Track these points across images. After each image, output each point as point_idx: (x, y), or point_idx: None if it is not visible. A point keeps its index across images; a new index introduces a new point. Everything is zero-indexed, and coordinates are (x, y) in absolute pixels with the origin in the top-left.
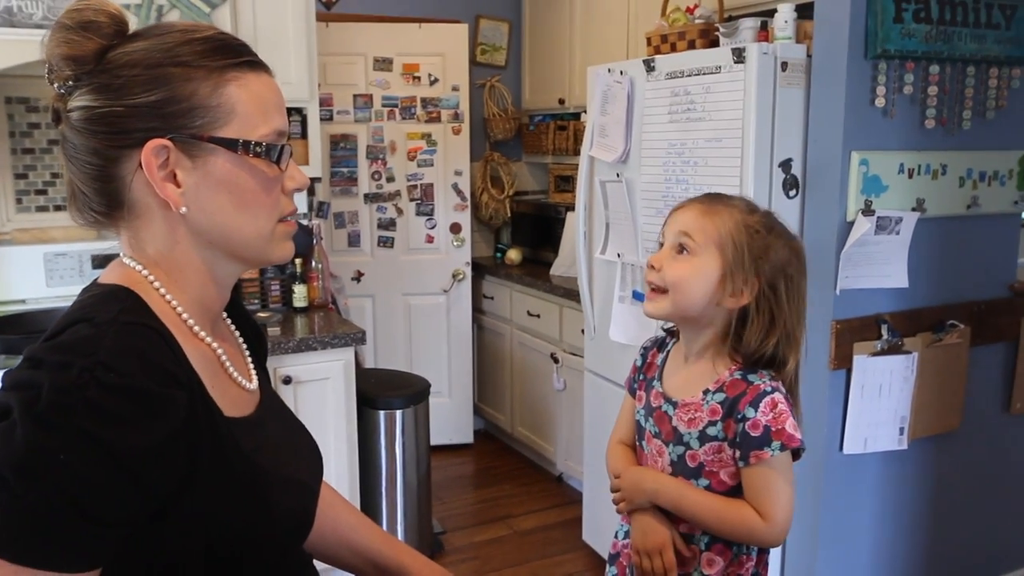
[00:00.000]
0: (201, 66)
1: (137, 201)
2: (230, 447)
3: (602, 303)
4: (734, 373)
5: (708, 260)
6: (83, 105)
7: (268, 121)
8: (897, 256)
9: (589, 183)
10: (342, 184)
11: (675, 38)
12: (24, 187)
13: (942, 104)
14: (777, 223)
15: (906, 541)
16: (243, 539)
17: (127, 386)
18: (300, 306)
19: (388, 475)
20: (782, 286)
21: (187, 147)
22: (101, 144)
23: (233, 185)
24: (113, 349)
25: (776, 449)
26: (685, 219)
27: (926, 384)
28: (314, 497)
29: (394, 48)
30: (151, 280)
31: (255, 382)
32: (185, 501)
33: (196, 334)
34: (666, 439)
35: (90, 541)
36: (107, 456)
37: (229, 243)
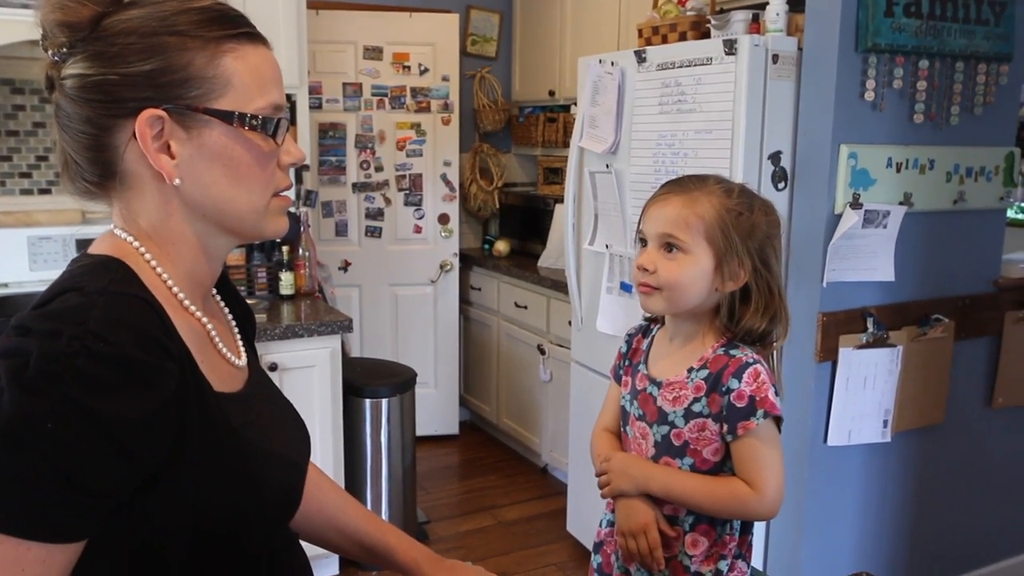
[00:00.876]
0: (197, 36)
1: (130, 172)
2: (219, 421)
3: (590, 294)
4: (717, 349)
5: (700, 255)
6: (77, 73)
7: (265, 94)
8: (884, 250)
9: (578, 174)
10: (330, 173)
11: (666, 30)
12: (8, 170)
13: (931, 99)
14: (754, 196)
15: (889, 532)
16: (231, 515)
17: (117, 356)
18: (287, 294)
19: (373, 464)
20: (772, 257)
21: (182, 118)
22: (95, 113)
23: (228, 158)
24: (103, 318)
25: (761, 417)
26: (666, 215)
27: (910, 377)
28: (302, 474)
29: (384, 37)
30: (142, 252)
31: (244, 359)
32: (173, 474)
33: (186, 308)
34: (650, 420)
35: (76, 512)
36: (95, 426)
37: (223, 216)
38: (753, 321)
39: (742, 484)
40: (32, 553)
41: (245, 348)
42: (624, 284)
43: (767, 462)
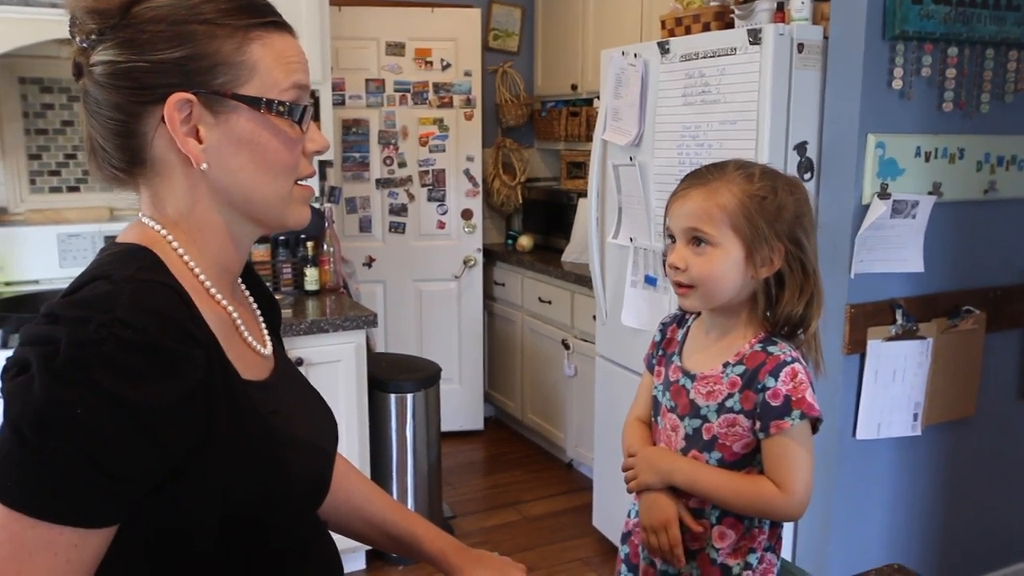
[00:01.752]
0: (225, 24)
1: (158, 158)
2: (246, 408)
3: (614, 288)
4: (754, 345)
5: (728, 246)
6: (107, 60)
7: (291, 81)
8: (913, 240)
9: (602, 167)
10: (354, 169)
11: (690, 21)
12: (38, 168)
13: (960, 87)
14: (777, 176)
15: (919, 527)
16: (259, 502)
17: (145, 342)
18: (312, 289)
19: (399, 458)
20: (803, 236)
21: (210, 103)
22: (124, 99)
23: (255, 143)
24: (131, 305)
25: (796, 418)
26: (689, 210)
27: (940, 370)
28: (329, 462)
29: (406, 33)
30: (169, 240)
31: (269, 348)
32: (201, 461)
33: (212, 296)
34: (682, 413)
35: (106, 497)
36: (123, 412)
37: (249, 203)
38: (791, 306)
39: (769, 484)
40: (64, 537)
41: (271, 337)
42: (649, 277)
43: (797, 463)
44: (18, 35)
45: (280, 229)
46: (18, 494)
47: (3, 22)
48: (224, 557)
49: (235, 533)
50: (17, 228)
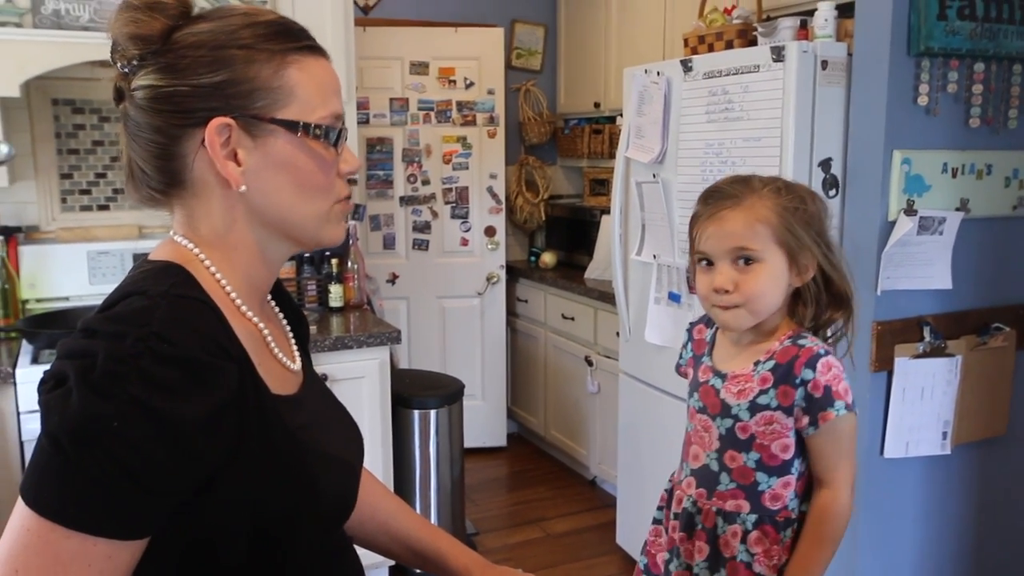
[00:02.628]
0: (263, 49)
1: (197, 179)
2: (276, 422)
3: (637, 305)
4: (784, 341)
5: (773, 259)
6: (148, 84)
7: (327, 104)
8: (940, 257)
9: (625, 184)
10: (378, 187)
11: (712, 39)
12: (69, 187)
13: (987, 102)
14: (796, 186)
15: (949, 548)
16: (287, 515)
17: (180, 356)
18: (336, 306)
19: (422, 475)
20: (829, 238)
21: (249, 127)
22: (165, 123)
23: (292, 166)
24: (166, 320)
25: (841, 409)
26: (731, 230)
27: (970, 388)
28: (356, 477)
29: (430, 52)
30: (201, 258)
31: (298, 363)
32: (232, 474)
33: (243, 313)
34: (712, 412)
35: (140, 509)
36: (159, 425)
37: (285, 223)
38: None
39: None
40: (98, 548)
41: (300, 353)
42: (672, 294)
43: (843, 457)
44: (51, 58)
45: (316, 247)
46: (54, 505)
47: (37, 45)
48: (249, 570)
49: (262, 546)
50: (48, 245)
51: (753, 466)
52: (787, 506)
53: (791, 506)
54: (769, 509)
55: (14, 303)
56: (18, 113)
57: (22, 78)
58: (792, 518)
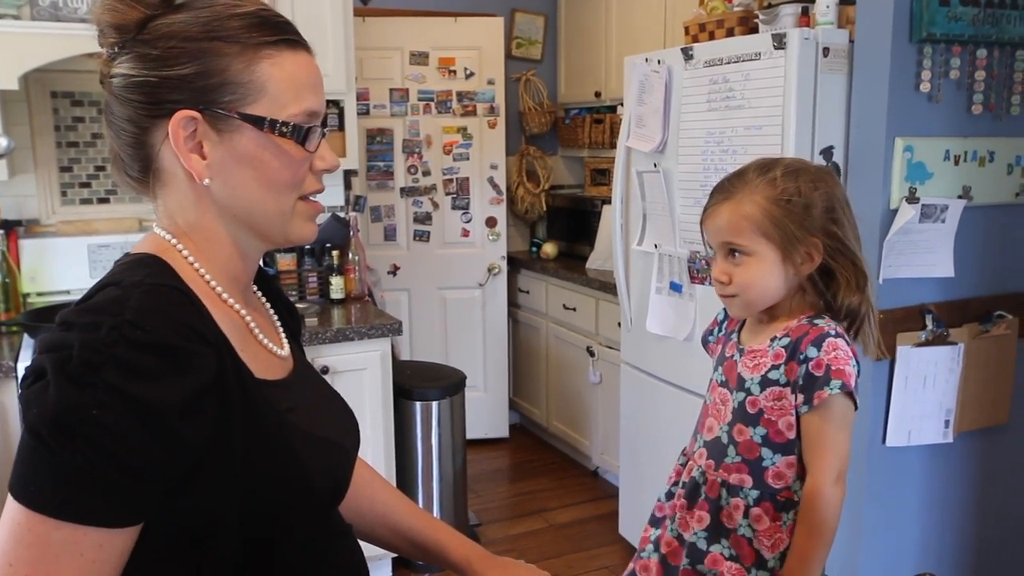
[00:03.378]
0: (237, 41)
1: (165, 170)
2: (262, 405)
3: (639, 295)
4: (801, 320)
5: (763, 252)
6: (123, 72)
7: (299, 101)
8: (943, 245)
9: (626, 174)
10: (378, 178)
11: (713, 26)
12: (69, 180)
13: (990, 89)
14: (800, 172)
15: (951, 535)
16: (277, 498)
17: (154, 342)
18: (337, 298)
19: (424, 466)
20: (835, 228)
21: (215, 120)
22: (135, 112)
23: (257, 161)
24: (139, 308)
25: (836, 388)
26: (719, 225)
27: (973, 376)
28: (349, 460)
29: (430, 42)
30: (179, 249)
31: (286, 349)
32: (218, 457)
33: (224, 300)
34: (731, 386)
35: (128, 495)
36: (137, 410)
37: (251, 218)
38: (848, 295)
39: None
40: (89, 538)
41: (288, 340)
42: (674, 284)
43: (831, 440)
44: (50, 50)
45: (284, 244)
46: (40, 497)
47: (35, 37)
48: (245, 554)
49: (255, 530)
50: (48, 239)
51: (759, 441)
52: (789, 487)
53: (793, 487)
54: (771, 487)
55: (15, 297)
56: (17, 106)
57: (20, 71)
58: (794, 500)
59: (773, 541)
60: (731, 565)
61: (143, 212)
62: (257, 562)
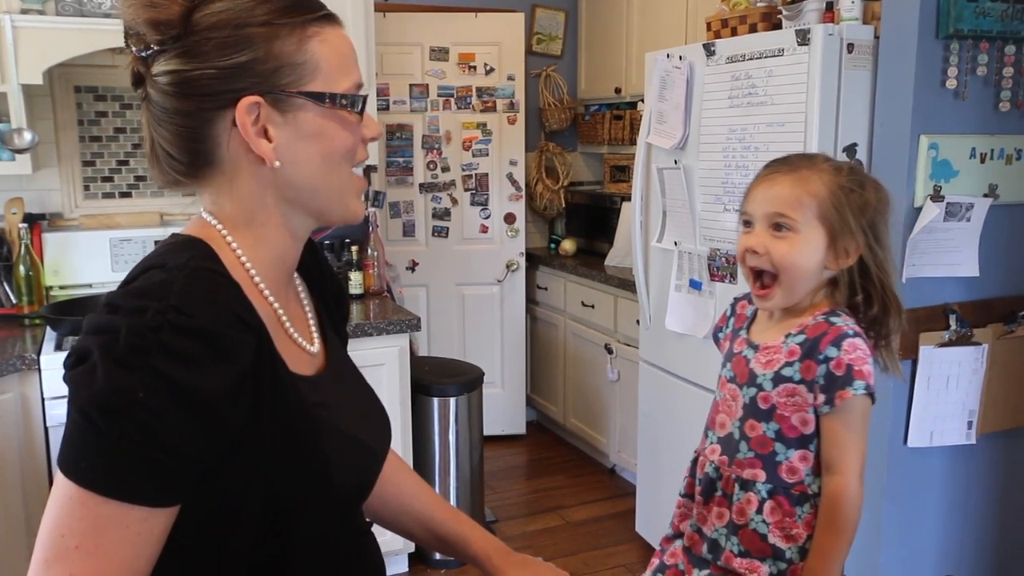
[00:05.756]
0: (283, 24)
1: (229, 159)
2: (292, 397)
3: (658, 292)
4: (817, 317)
5: (811, 234)
6: (172, 69)
7: (349, 74)
8: (967, 244)
9: (646, 170)
10: (398, 174)
11: (736, 22)
12: (91, 174)
13: (1018, 86)
14: (863, 174)
15: (973, 538)
16: (299, 493)
17: (198, 328)
18: (356, 293)
19: (442, 462)
20: (884, 234)
21: (277, 103)
22: (193, 106)
23: (322, 136)
24: (184, 292)
25: (860, 389)
26: (776, 194)
27: (997, 377)
28: (375, 460)
29: (450, 38)
30: (225, 235)
31: (317, 346)
32: (248, 442)
33: (261, 292)
34: (740, 382)
35: (171, 476)
36: (181, 394)
37: (314, 195)
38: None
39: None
40: (134, 513)
41: (327, 333)
42: (693, 281)
43: (853, 439)
44: (74, 45)
45: (341, 221)
46: (90, 475)
47: (59, 32)
48: (264, 550)
49: (275, 525)
50: (71, 233)
51: (772, 436)
52: (803, 481)
53: (807, 481)
54: (785, 481)
55: (38, 290)
56: (41, 101)
57: (45, 65)
58: (808, 494)
59: (789, 534)
60: (742, 561)
61: (165, 206)
62: (275, 556)
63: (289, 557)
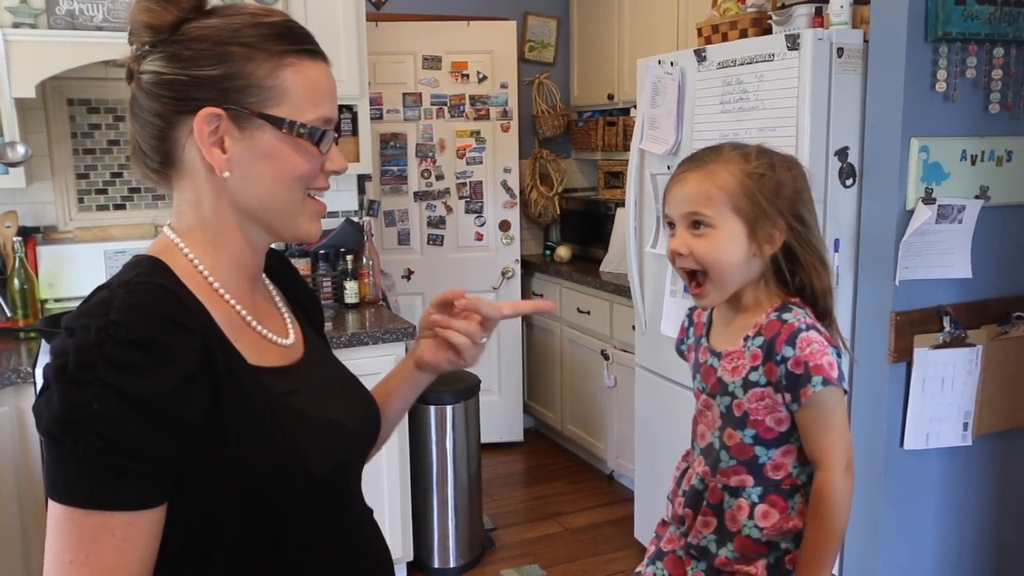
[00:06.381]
0: (263, 48)
1: (187, 163)
2: (253, 389)
3: (653, 298)
4: (770, 315)
5: (728, 226)
6: (154, 70)
7: (317, 108)
8: (960, 245)
9: (639, 176)
10: (392, 182)
11: (727, 28)
12: (85, 186)
13: (1007, 88)
14: (772, 154)
15: (972, 541)
16: (276, 480)
17: (137, 337)
18: (351, 302)
19: (439, 470)
20: (804, 212)
21: (238, 119)
22: (163, 108)
23: (275, 158)
24: (122, 307)
25: (818, 384)
26: (687, 193)
27: (991, 378)
28: (354, 439)
29: (443, 46)
30: (180, 246)
31: (292, 338)
32: (213, 438)
33: (220, 295)
34: (712, 391)
35: (144, 477)
36: (131, 401)
37: (263, 211)
38: (813, 277)
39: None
40: (116, 520)
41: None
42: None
43: (830, 433)
44: (66, 58)
45: (291, 239)
46: (68, 492)
47: (52, 46)
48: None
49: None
50: (66, 245)
51: (750, 442)
52: (791, 473)
53: (794, 473)
54: (773, 479)
55: (33, 303)
56: (34, 114)
57: (38, 79)
58: (798, 484)
59: (783, 529)
60: (741, 567)
61: (159, 218)
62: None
63: (281, 545)
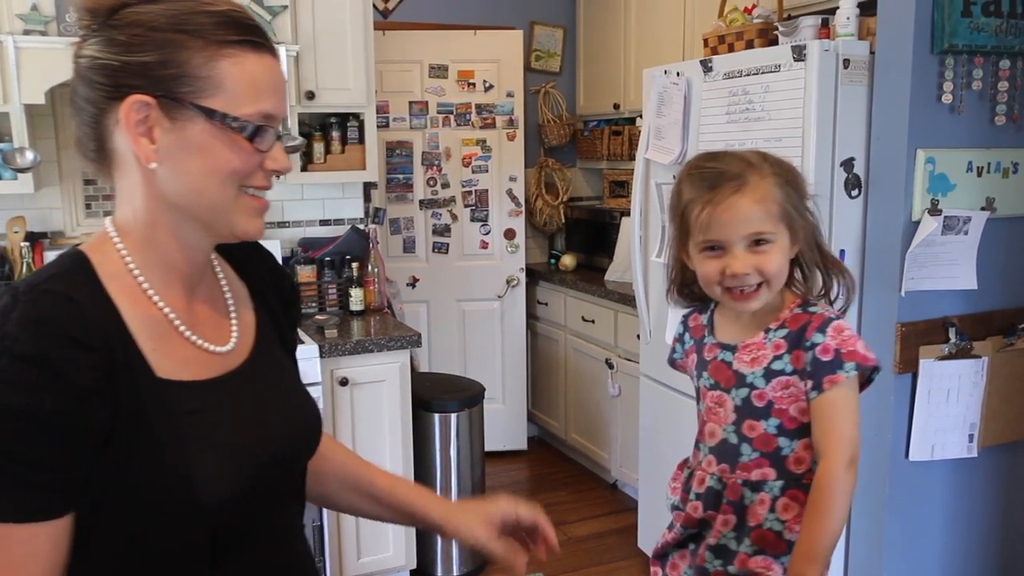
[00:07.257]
0: (201, 37)
1: (119, 153)
2: (152, 406)
3: (658, 307)
4: (794, 310)
5: (783, 235)
6: (89, 54)
7: (255, 102)
8: (965, 257)
9: (645, 186)
10: (398, 190)
11: (733, 38)
12: (93, 192)
13: (1013, 100)
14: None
15: (976, 552)
16: (159, 503)
17: (31, 354)
18: (356, 309)
19: (443, 478)
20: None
21: (169, 108)
22: (95, 94)
23: (206, 152)
24: (19, 320)
25: (851, 370)
26: (745, 215)
27: (997, 390)
28: (266, 467)
29: (449, 55)
30: (116, 243)
31: (230, 344)
32: (110, 453)
33: (149, 297)
34: (726, 386)
35: (37, 491)
36: (25, 418)
37: (194, 206)
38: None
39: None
40: (16, 533)
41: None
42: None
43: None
44: None
45: (231, 238)
46: None
47: (61, 53)
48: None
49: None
50: None
51: (774, 432)
52: (811, 468)
53: (815, 468)
54: (795, 473)
55: None
56: (43, 120)
57: (47, 85)
58: None
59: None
60: (757, 559)
61: None
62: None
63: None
